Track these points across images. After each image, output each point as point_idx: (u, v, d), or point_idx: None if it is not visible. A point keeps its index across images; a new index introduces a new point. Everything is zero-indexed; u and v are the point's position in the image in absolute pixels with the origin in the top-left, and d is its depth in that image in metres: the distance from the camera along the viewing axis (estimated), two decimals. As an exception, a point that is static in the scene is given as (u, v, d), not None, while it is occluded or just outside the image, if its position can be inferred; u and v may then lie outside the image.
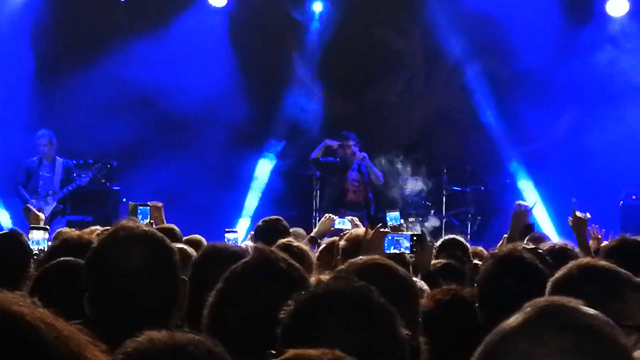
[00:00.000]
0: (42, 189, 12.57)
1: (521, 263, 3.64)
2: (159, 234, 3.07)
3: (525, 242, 5.91)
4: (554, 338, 1.54)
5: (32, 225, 6.54)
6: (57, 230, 6.78)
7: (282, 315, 2.15)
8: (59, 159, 12.72)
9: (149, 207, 7.91)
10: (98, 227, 6.76)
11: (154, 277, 2.93)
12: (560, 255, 4.88)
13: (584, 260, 3.35)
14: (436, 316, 3.63)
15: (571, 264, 3.33)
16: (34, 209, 9.57)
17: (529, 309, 1.61)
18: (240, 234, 8.70)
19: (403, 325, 2.19)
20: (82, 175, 12.65)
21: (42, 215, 8.84)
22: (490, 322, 3.55)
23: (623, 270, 3.24)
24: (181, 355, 1.68)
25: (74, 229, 6.72)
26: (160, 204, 7.96)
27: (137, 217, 7.80)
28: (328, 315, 2.10)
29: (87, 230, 6.52)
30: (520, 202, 7.72)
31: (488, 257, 3.82)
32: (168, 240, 3.07)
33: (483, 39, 14.64)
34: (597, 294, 2.79)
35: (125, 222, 3.06)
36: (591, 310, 1.62)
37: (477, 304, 3.67)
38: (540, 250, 4.39)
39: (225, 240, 7.00)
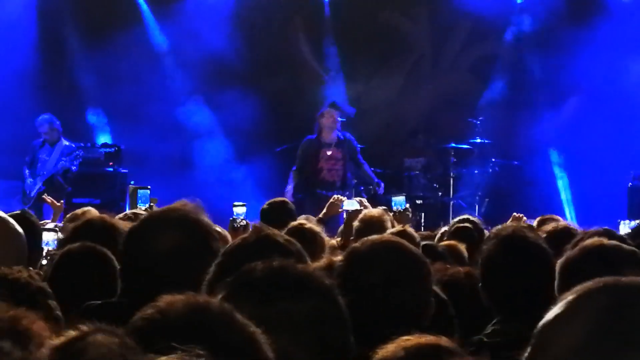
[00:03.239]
0: (39, 171, 12.70)
1: (525, 242, 3.60)
2: (199, 216, 3.04)
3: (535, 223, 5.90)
4: None
5: (43, 228, 6.54)
6: (76, 212, 6.77)
7: None
8: (64, 142, 12.77)
9: (149, 190, 7.88)
10: (91, 208, 6.80)
11: (188, 258, 2.91)
12: (563, 235, 4.88)
13: (591, 241, 3.39)
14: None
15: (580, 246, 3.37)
16: (47, 198, 9.54)
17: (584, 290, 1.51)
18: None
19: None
20: (64, 159, 12.69)
21: (58, 204, 8.81)
22: (494, 302, 3.58)
23: (625, 247, 3.36)
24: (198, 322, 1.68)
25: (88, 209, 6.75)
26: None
27: (136, 200, 7.80)
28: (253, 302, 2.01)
29: (78, 211, 6.58)
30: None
31: (490, 236, 3.80)
32: (207, 223, 3.05)
33: (489, 21, 14.61)
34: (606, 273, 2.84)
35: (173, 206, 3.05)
36: None
37: (480, 284, 3.66)
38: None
39: (234, 214, 6.97)
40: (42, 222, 8.12)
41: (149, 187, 7.94)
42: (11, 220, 2.01)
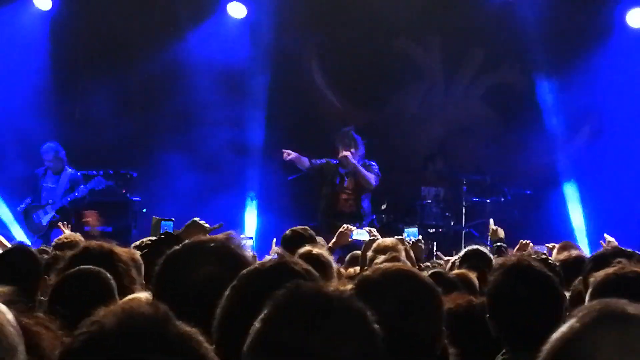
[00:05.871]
0: (44, 199, 12.71)
1: (530, 272, 3.62)
2: (240, 251, 3.03)
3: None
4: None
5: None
6: (66, 235, 6.88)
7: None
8: (69, 170, 12.78)
9: (172, 222, 7.87)
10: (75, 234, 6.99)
11: (221, 291, 2.81)
12: (574, 264, 4.89)
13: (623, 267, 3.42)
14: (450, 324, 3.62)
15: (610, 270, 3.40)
16: (62, 226, 9.64)
17: (585, 311, 1.70)
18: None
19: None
20: (81, 187, 12.68)
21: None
22: (502, 332, 3.56)
23: None
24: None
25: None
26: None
27: (159, 231, 7.80)
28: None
29: (62, 237, 6.75)
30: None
31: (496, 267, 3.80)
32: (247, 260, 3.02)
33: (503, 48, 14.62)
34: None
35: (202, 237, 3.04)
36: None
37: (487, 315, 3.65)
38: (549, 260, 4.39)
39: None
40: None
41: (172, 219, 7.92)
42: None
